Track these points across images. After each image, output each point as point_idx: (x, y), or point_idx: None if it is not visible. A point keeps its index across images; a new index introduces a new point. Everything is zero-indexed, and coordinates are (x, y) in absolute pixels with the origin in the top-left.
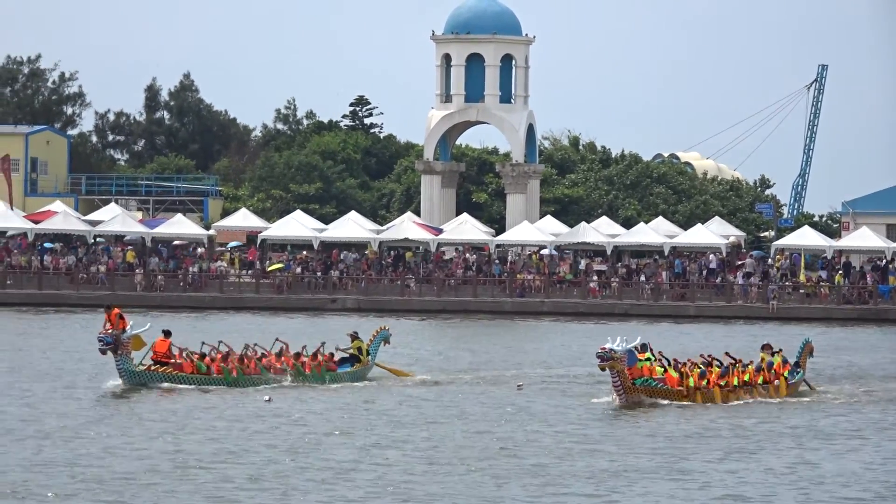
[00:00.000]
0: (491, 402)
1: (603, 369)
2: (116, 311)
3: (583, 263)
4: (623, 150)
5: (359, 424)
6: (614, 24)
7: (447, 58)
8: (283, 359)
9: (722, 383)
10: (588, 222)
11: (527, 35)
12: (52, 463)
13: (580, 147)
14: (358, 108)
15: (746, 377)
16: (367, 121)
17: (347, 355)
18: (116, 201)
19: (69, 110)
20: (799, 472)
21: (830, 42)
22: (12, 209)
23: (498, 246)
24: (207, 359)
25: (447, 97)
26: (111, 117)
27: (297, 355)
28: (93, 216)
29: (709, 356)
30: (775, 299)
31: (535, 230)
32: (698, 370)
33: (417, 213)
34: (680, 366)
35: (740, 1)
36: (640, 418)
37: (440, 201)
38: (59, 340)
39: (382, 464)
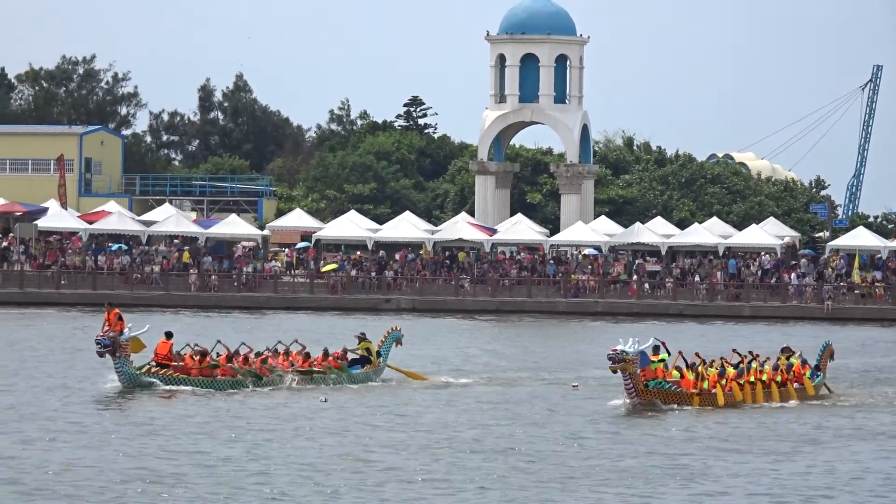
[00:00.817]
0: (543, 402)
1: (614, 371)
2: (116, 311)
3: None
4: (677, 151)
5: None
6: (669, 24)
7: (502, 58)
8: (291, 357)
9: (741, 382)
10: (642, 223)
11: (581, 35)
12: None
13: (634, 147)
14: (412, 109)
15: (765, 378)
16: (421, 121)
17: (359, 357)
18: (170, 201)
19: (123, 110)
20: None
21: (885, 42)
22: (67, 209)
23: (552, 246)
24: (208, 358)
25: (501, 97)
26: (165, 117)
27: (307, 356)
28: (147, 216)
29: (750, 353)
30: (830, 300)
31: (589, 230)
32: (716, 370)
33: (472, 213)
34: (697, 367)
35: (795, 1)
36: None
37: (494, 202)
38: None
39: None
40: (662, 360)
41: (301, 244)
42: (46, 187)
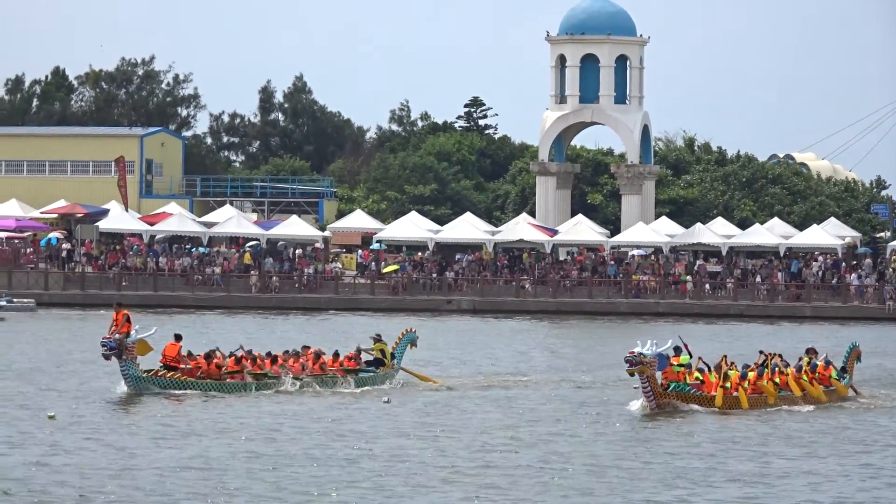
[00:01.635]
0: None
1: (632, 374)
2: (125, 312)
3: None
4: (738, 151)
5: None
6: (729, 23)
7: (562, 59)
8: (301, 360)
9: (763, 384)
10: (703, 223)
11: (641, 35)
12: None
13: (695, 148)
14: (472, 110)
15: (788, 380)
16: (481, 122)
17: (372, 358)
18: (231, 203)
19: (184, 112)
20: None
21: None
22: (128, 211)
23: (612, 247)
24: (216, 361)
25: (562, 98)
26: (225, 119)
27: (318, 356)
28: (208, 218)
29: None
30: (892, 300)
31: (650, 231)
32: (737, 372)
33: (532, 214)
34: (719, 369)
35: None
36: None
37: (555, 202)
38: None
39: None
40: (682, 365)
41: (375, 245)
42: (107, 189)
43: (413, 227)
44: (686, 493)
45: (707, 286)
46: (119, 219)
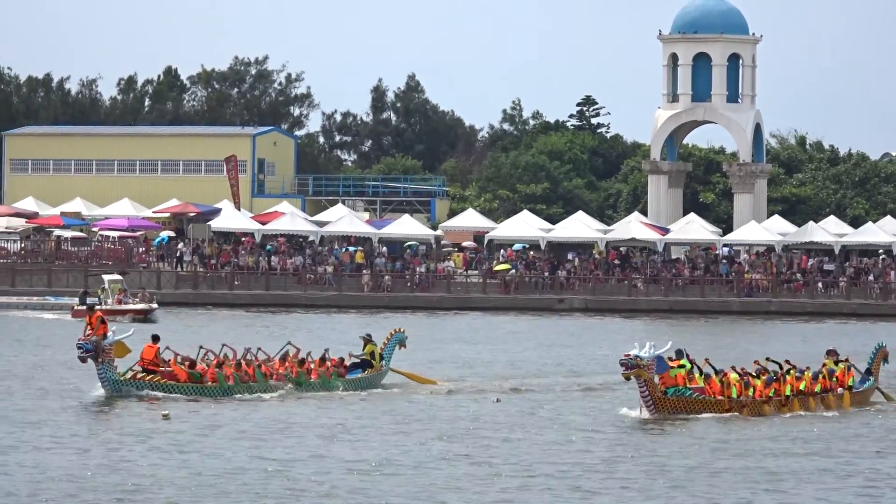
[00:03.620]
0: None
1: (627, 378)
2: (98, 314)
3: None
4: (850, 150)
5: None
6: (841, 22)
7: (674, 57)
8: (286, 364)
9: (770, 393)
10: (816, 221)
11: (753, 34)
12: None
13: (807, 146)
14: (585, 108)
15: (802, 385)
16: (593, 121)
17: (359, 361)
18: (343, 202)
19: (296, 111)
20: None
21: None
22: (239, 210)
23: (725, 246)
24: (201, 366)
25: (674, 97)
26: (338, 118)
27: (303, 361)
28: (320, 217)
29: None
30: None
31: (762, 230)
32: (737, 377)
33: (644, 212)
34: (722, 375)
35: None
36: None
37: (667, 201)
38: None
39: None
40: (682, 367)
41: (518, 245)
42: (219, 188)
43: (525, 225)
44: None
45: (819, 285)
46: (231, 218)
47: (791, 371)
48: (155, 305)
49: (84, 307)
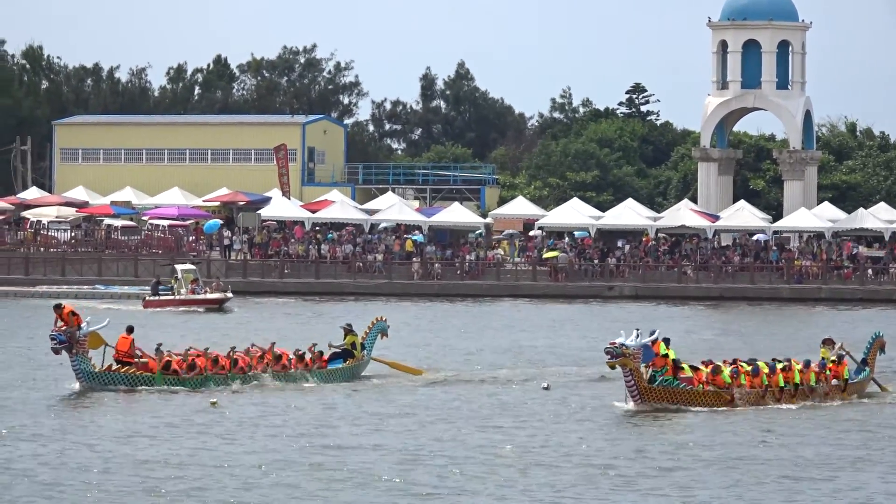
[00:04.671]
0: None
1: (612, 367)
2: (69, 308)
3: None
4: None
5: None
6: (889, 8)
7: (724, 44)
8: (265, 361)
9: (762, 381)
10: (865, 208)
11: (803, 21)
12: None
13: (857, 133)
14: (634, 96)
15: (796, 378)
16: (643, 108)
17: (339, 351)
18: (393, 190)
19: (346, 100)
20: None
21: None
22: (289, 198)
23: (775, 232)
24: (172, 360)
25: (724, 84)
26: (387, 106)
27: (279, 358)
28: (370, 205)
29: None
30: None
31: (812, 217)
32: (729, 368)
33: (694, 200)
34: (714, 363)
35: None
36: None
37: (717, 188)
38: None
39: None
40: (665, 356)
41: (579, 233)
42: (269, 177)
43: (575, 213)
44: None
45: (869, 272)
46: (281, 206)
47: (781, 363)
48: (230, 294)
49: (157, 297)
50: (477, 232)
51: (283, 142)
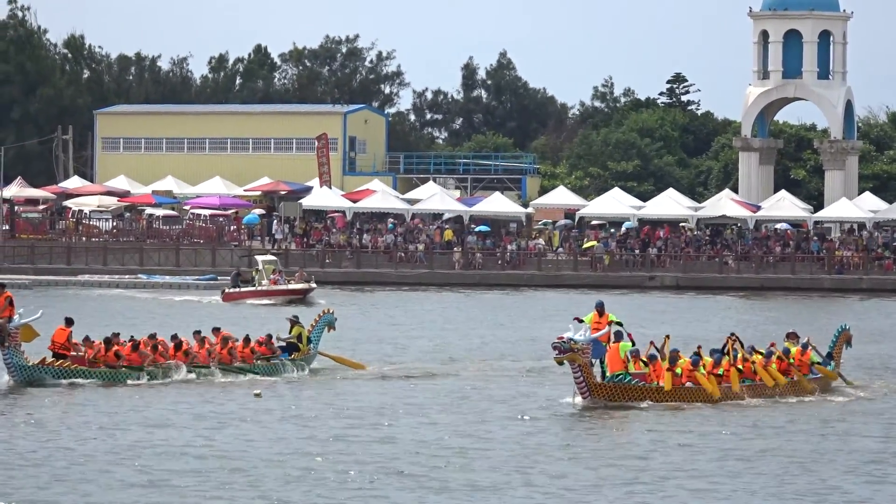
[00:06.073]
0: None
1: (560, 363)
2: (7, 294)
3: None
4: None
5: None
6: None
7: (765, 34)
8: (207, 346)
9: (719, 372)
10: None
11: (844, 10)
12: None
13: None
14: (675, 86)
15: (756, 370)
16: (684, 98)
17: (285, 344)
18: (434, 179)
19: (387, 89)
20: None
21: None
22: (330, 188)
23: (816, 223)
24: (119, 348)
25: (765, 74)
26: (429, 96)
27: (226, 340)
28: (411, 195)
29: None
30: None
31: (853, 207)
32: (687, 360)
33: (735, 189)
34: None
35: None
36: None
37: (758, 178)
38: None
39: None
40: (626, 350)
41: (627, 224)
42: (310, 166)
43: (616, 203)
44: None
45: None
46: (322, 196)
47: (740, 352)
48: (314, 285)
49: (236, 290)
50: (544, 220)
51: (324, 131)
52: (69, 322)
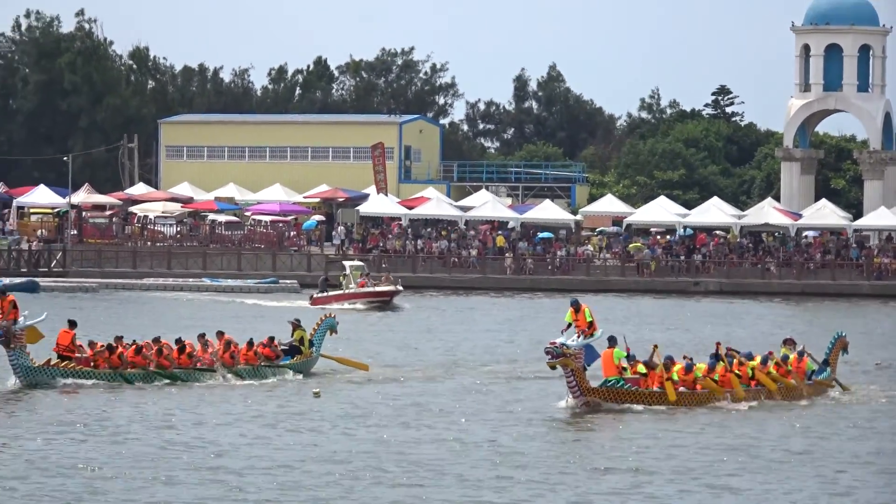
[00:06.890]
0: None
1: (553, 367)
2: (11, 298)
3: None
4: None
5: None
6: None
7: (806, 48)
8: (212, 349)
9: (715, 377)
10: None
11: (884, 25)
12: None
13: None
14: (720, 98)
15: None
16: (728, 109)
17: (287, 347)
18: (487, 188)
19: (441, 100)
20: None
21: None
22: (386, 195)
23: (855, 231)
24: (123, 350)
25: (806, 86)
26: (481, 107)
27: (228, 344)
28: (464, 202)
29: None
30: None
31: (891, 215)
32: (682, 365)
33: (777, 198)
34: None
35: None
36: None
37: (799, 187)
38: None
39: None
40: (621, 357)
41: (682, 231)
42: (367, 174)
43: (662, 211)
44: None
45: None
46: (378, 203)
47: (736, 357)
48: (400, 287)
49: (324, 294)
50: (600, 228)
51: (380, 140)
52: (72, 324)
